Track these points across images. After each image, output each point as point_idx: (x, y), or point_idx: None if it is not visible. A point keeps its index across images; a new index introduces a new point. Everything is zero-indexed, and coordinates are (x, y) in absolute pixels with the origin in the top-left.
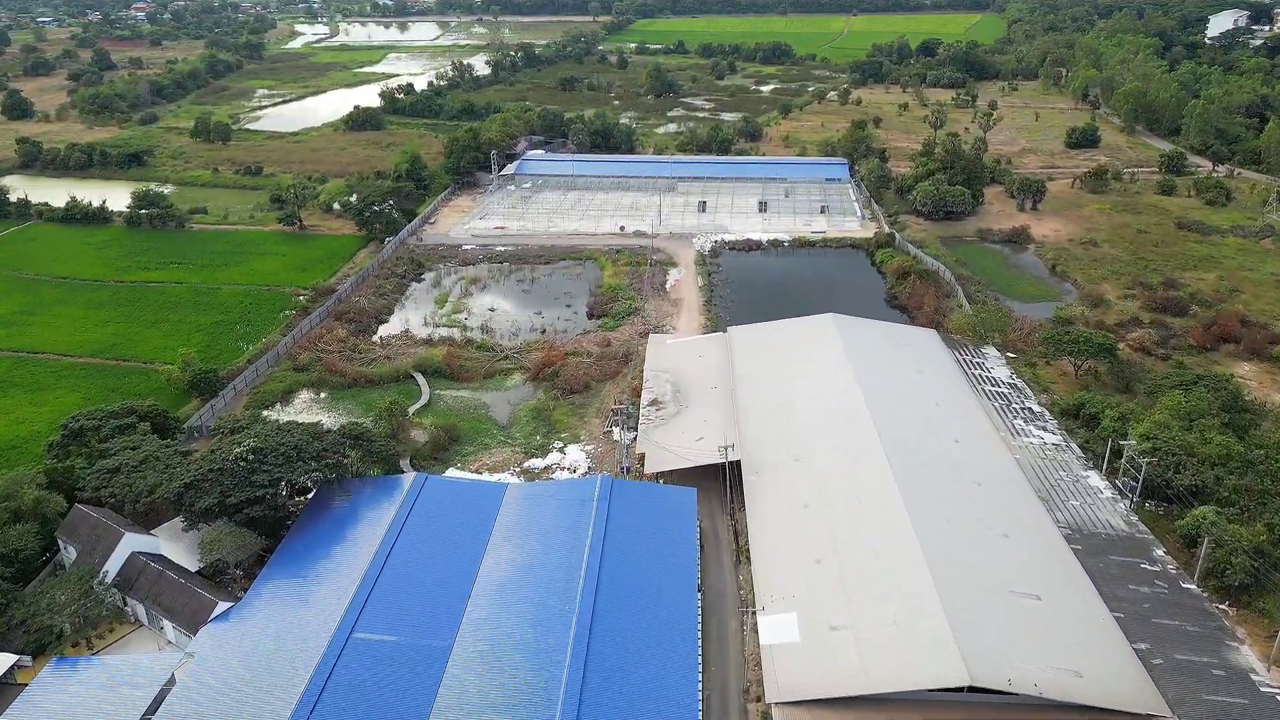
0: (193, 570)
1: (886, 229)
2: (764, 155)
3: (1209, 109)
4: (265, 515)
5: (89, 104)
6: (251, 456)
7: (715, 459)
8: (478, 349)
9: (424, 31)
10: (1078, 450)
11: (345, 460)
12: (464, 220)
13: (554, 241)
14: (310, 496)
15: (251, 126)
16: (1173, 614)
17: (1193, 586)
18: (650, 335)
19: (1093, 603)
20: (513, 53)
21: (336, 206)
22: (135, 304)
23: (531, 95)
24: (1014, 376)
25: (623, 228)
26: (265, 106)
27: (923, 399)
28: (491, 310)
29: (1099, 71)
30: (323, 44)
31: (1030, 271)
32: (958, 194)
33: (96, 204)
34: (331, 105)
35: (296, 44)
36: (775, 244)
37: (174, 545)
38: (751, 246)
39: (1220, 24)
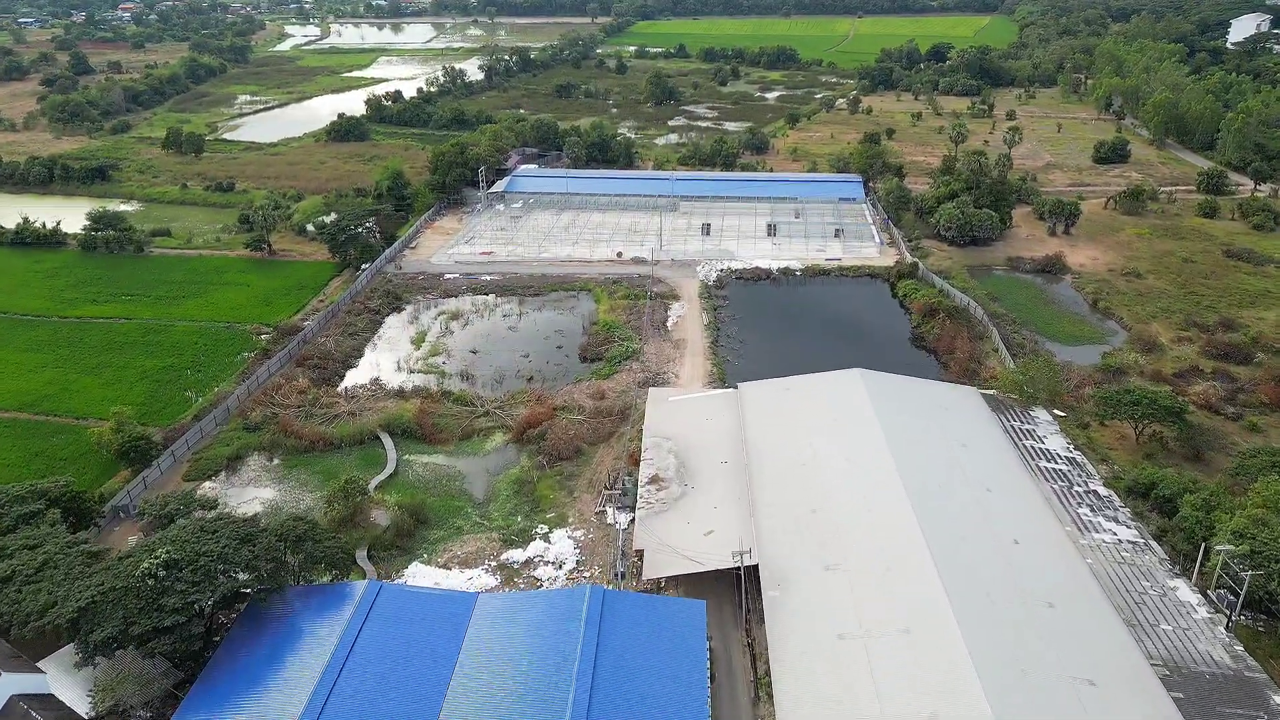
0: (86, 717)
1: (908, 257)
2: (771, 170)
3: (1247, 122)
4: (178, 648)
5: (58, 112)
6: (163, 573)
7: (728, 564)
8: (454, 402)
9: (418, 33)
10: (1159, 550)
11: (284, 567)
12: (448, 244)
13: (545, 269)
14: (243, 608)
15: (229, 136)
16: None
17: None
18: (650, 390)
19: None
20: (507, 57)
21: (310, 228)
22: (77, 345)
23: (526, 102)
24: (1071, 447)
25: (620, 254)
26: (246, 114)
27: (971, 484)
28: (473, 352)
29: (1122, 80)
30: (312, 46)
31: (1069, 307)
32: (985, 218)
33: (51, 225)
34: (316, 112)
35: (285, 46)
36: (786, 273)
37: (69, 679)
38: (760, 276)
39: (1242, 29)
